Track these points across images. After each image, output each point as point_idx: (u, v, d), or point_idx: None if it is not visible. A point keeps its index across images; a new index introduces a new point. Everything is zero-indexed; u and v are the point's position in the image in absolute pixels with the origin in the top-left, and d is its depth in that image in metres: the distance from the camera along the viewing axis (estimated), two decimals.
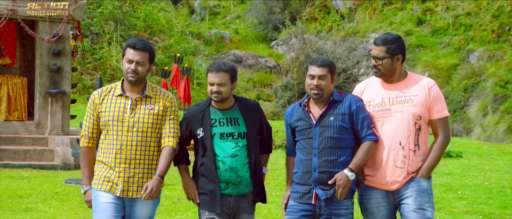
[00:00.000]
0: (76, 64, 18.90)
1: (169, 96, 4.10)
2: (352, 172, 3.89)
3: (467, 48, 20.13)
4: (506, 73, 17.73)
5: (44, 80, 12.00)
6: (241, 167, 4.07)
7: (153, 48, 4.07)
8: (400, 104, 3.89)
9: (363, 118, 3.95)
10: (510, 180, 10.15)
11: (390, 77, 3.96)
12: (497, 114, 16.90)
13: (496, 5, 21.03)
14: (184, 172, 4.20)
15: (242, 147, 4.09)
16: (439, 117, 3.88)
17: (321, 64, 3.98)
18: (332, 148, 3.93)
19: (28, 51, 13.07)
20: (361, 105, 3.98)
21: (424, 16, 23.23)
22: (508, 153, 13.45)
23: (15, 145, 11.54)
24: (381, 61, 3.89)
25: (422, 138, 3.90)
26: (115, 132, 3.94)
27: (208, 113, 4.11)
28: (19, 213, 7.23)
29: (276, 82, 23.17)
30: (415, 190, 3.83)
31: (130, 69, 3.94)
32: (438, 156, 3.89)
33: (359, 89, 4.11)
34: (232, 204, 4.09)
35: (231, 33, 29.35)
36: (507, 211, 7.72)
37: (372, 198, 3.96)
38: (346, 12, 27.01)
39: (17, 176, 10.01)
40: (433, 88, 3.89)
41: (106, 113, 3.97)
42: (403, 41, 3.99)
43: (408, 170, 3.86)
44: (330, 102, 4.00)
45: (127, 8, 24.50)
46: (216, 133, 4.07)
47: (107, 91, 4.05)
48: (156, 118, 3.98)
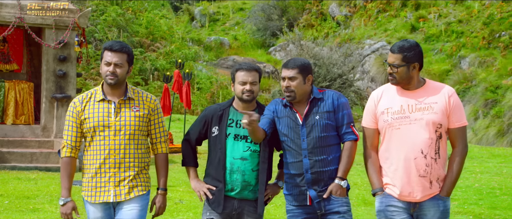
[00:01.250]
0: (81, 69, 18.97)
1: (153, 98, 3.96)
2: (344, 180, 3.85)
3: (458, 54, 20.32)
4: (496, 79, 17.91)
5: (50, 85, 12.04)
6: (249, 172, 3.96)
7: (131, 50, 3.91)
8: (419, 111, 3.70)
9: (344, 115, 3.88)
10: (500, 182, 10.22)
11: (407, 85, 3.77)
12: (488, 118, 17.08)
13: (487, 13, 21.23)
14: (192, 174, 4.12)
15: (254, 152, 3.97)
16: (458, 125, 3.70)
17: (291, 66, 3.90)
18: (321, 147, 3.85)
19: (35, 58, 13.14)
20: (343, 101, 3.91)
21: (417, 23, 23.42)
22: (498, 155, 13.59)
23: (22, 148, 11.61)
24: (397, 69, 3.72)
25: (442, 146, 3.71)
26: (101, 137, 3.79)
27: (228, 112, 4.02)
28: (27, 213, 7.26)
29: (274, 87, 23.31)
30: (440, 211, 3.69)
31: (109, 71, 3.77)
32: (459, 169, 3.71)
33: (375, 96, 3.90)
34: (235, 206, 4.00)
35: (230, 40, 29.45)
36: (497, 212, 7.81)
37: (391, 206, 3.77)
38: (342, 19, 27.13)
39: (24, 177, 10.04)
40: (453, 96, 3.72)
41: (90, 119, 3.80)
42: (420, 48, 3.80)
43: (431, 179, 3.68)
44: (311, 100, 3.92)
45: (130, 15, 24.57)
46: (230, 132, 3.98)
47: (88, 97, 3.88)
48: (141, 120, 3.84)
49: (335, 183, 3.85)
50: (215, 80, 23.59)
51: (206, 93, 22.73)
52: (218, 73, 24.76)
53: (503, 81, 17.86)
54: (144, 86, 21.70)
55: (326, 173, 3.87)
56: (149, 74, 22.45)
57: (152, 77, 22.53)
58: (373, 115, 3.86)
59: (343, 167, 3.86)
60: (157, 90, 21.36)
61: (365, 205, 8.39)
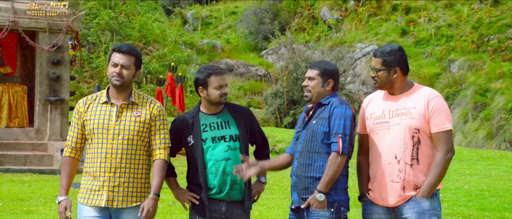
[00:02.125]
0: (74, 73, 18.96)
1: (157, 104, 3.87)
2: (320, 193, 3.69)
3: (448, 58, 20.35)
4: (485, 82, 17.96)
5: (44, 88, 12.09)
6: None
7: (140, 54, 3.89)
8: (398, 117, 3.65)
9: (334, 125, 3.75)
10: (489, 184, 10.26)
11: (392, 89, 3.73)
12: (477, 121, 17.15)
13: (476, 17, 21.33)
14: (174, 184, 4.05)
15: (235, 150, 3.95)
16: (438, 130, 3.59)
17: (313, 67, 3.89)
18: (308, 151, 3.78)
19: (28, 61, 13.17)
20: (338, 111, 3.75)
21: (407, 27, 23.49)
22: (487, 158, 13.61)
23: (16, 151, 11.64)
24: (377, 73, 3.70)
25: (424, 151, 3.62)
26: (100, 140, 3.73)
27: (198, 119, 3.99)
28: (21, 215, 7.27)
29: (266, 90, 23.33)
30: (415, 211, 3.59)
31: (115, 72, 3.73)
32: (438, 173, 3.57)
33: (365, 102, 3.90)
34: (223, 210, 3.94)
35: (222, 43, 29.45)
36: (486, 213, 7.85)
37: (373, 213, 3.76)
38: (333, 23, 27.19)
39: (18, 180, 10.05)
40: (433, 100, 3.61)
41: (91, 120, 3.76)
42: (403, 53, 3.73)
43: (404, 185, 3.61)
44: (317, 105, 3.87)
45: (123, 19, 24.56)
46: (207, 137, 3.94)
47: (93, 99, 3.85)
48: (142, 126, 3.76)
49: (313, 196, 3.72)
50: None
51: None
52: None
53: (492, 84, 17.93)
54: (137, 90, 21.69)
55: (307, 179, 3.77)
56: (142, 77, 22.50)
57: (145, 80, 22.57)
58: (362, 120, 3.86)
59: (322, 179, 3.70)
60: (150, 93, 21.42)
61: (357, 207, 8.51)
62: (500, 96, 17.39)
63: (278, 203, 8.32)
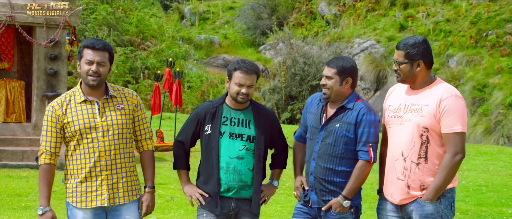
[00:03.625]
0: (71, 68, 19.00)
1: (134, 94, 3.78)
2: (346, 200, 3.71)
3: (446, 53, 20.42)
4: (483, 77, 18.02)
5: (41, 83, 12.04)
6: (246, 172, 3.83)
7: (112, 48, 3.76)
8: (410, 113, 3.56)
9: (364, 133, 3.69)
10: (486, 179, 10.32)
11: (413, 84, 3.61)
12: (475, 116, 17.20)
13: (474, 12, 21.36)
14: (184, 178, 3.95)
15: (249, 151, 3.84)
16: (448, 131, 3.46)
17: (331, 65, 3.79)
18: (331, 156, 3.73)
19: (26, 56, 13.11)
20: (367, 119, 3.69)
21: (406, 22, 23.49)
22: (484, 153, 13.64)
23: (13, 146, 11.60)
24: (399, 66, 3.58)
25: (433, 151, 3.51)
26: (89, 140, 3.58)
27: (221, 110, 3.87)
28: (19, 211, 7.28)
29: (264, 85, 23.33)
30: (419, 214, 3.52)
31: (91, 71, 3.57)
32: (444, 176, 3.46)
33: (388, 92, 3.83)
34: (232, 206, 3.86)
35: (220, 38, 29.45)
36: (483, 208, 7.91)
37: (383, 209, 3.72)
38: (331, 18, 27.20)
39: (15, 175, 10.07)
40: (447, 99, 3.47)
41: (74, 122, 3.58)
42: (428, 45, 3.60)
43: (408, 183, 3.54)
44: (340, 107, 3.77)
45: (120, 14, 24.54)
46: (225, 131, 3.84)
47: (68, 100, 3.64)
48: (127, 118, 3.67)
49: (337, 200, 3.73)
50: (205, 79, 23.64)
51: (196, 92, 22.77)
52: (208, 72, 24.79)
53: (490, 80, 17.98)
54: (134, 85, 21.71)
55: (328, 183, 3.75)
56: (139, 73, 22.47)
57: (143, 76, 22.55)
58: (383, 111, 3.78)
59: (349, 186, 3.71)
60: (147, 88, 21.40)
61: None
62: (498, 91, 17.43)
63: (276, 198, 8.31)
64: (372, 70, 21.79)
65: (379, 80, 21.68)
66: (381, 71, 21.69)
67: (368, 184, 4.45)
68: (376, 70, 21.73)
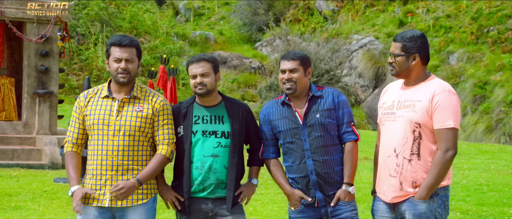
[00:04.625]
0: (63, 65, 18.96)
1: (160, 98, 3.73)
2: (351, 186, 3.74)
3: (447, 49, 20.42)
4: (484, 75, 18.04)
5: (32, 81, 12.01)
6: (222, 170, 3.76)
7: (139, 43, 3.76)
8: (403, 109, 3.54)
9: (344, 113, 3.77)
10: (487, 178, 10.22)
11: (408, 79, 3.60)
12: (476, 114, 17.22)
13: (475, 8, 21.36)
14: (160, 180, 3.85)
15: (225, 147, 3.76)
16: (440, 127, 3.43)
17: (292, 58, 3.78)
18: (324, 147, 3.74)
19: (16, 52, 13.01)
20: (343, 99, 3.80)
21: (405, 18, 23.52)
22: (486, 152, 13.63)
23: (3, 145, 11.51)
24: (395, 59, 3.57)
25: (426, 147, 3.47)
26: (100, 136, 3.58)
27: (192, 109, 3.82)
28: (9, 211, 7.21)
29: (260, 83, 23.37)
30: (412, 213, 3.48)
31: (121, 68, 3.58)
32: (436, 173, 3.42)
33: (383, 90, 3.83)
34: (210, 206, 3.78)
35: (215, 34, 29.41)
36: (484, 208, 7.82)
37: (378, 210, 3.69)
38: (329, 14, 27.19)
39: (5, 175, 10.01)
40: (439, 95, 3.45)
41: (91, 115, 3.62)
42: (425, 40, 3.60)
43: (401, 180, 3.51)
44: (310, 98, 3.79)
45: (113, 9, 24.56)
46: (198, 130, 3.77)
47: (94, 93, 3.70)
48: (144, 121, 3.62)
49: (343, 190, 3.76)
50: None
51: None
52: None
53: (491, 77, 18.00)
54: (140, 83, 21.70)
55: (334, 174, 3.78)
56: None
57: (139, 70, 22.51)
58: (378, 109, 3.81)
59: (348, 171, 3.77)
60: None
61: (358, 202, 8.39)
62: (499, 89, 17.43)
63: (272, 198, 8.27)
64: (371, 67, 21.78)
65: (378, 77, 21.68)
66: (380, 68, 21.69)
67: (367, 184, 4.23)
68: (375, 67, 21.72)
